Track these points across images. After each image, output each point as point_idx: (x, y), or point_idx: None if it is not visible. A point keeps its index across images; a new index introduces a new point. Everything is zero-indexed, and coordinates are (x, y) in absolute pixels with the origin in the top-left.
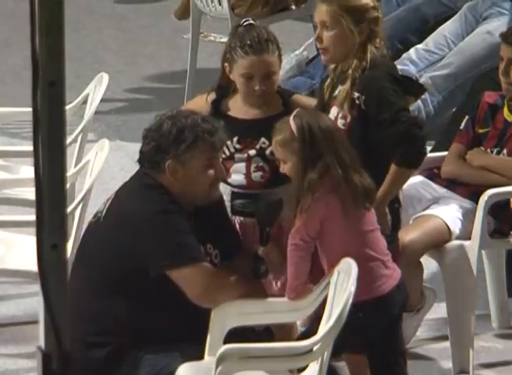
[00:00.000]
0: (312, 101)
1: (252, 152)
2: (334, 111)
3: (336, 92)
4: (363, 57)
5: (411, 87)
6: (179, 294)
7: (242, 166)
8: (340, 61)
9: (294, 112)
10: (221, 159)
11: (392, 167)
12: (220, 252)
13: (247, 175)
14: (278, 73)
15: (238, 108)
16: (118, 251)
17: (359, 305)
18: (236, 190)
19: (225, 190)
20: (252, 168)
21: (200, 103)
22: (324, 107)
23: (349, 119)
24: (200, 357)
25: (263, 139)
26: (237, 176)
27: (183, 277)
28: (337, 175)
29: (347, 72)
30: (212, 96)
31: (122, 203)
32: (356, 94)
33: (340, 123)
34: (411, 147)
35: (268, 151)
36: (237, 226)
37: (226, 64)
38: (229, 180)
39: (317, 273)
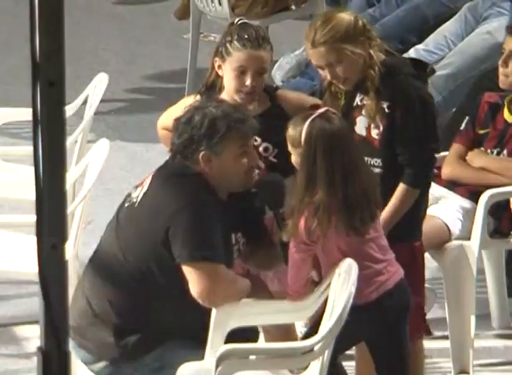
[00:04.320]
0: (298, 95)
1: None
2: (363, 121)
3: (358, 101)
4: (372, 64)
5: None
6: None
7: None
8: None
9: (313, 117)
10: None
11: (402, 187)
12: (248, 240)
13: None
14: (267, 73)
15: None
16: (150, 237)
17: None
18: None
19: None
20: None
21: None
22: (344, 115)
23: (381, 128)
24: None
25: (254, 137)
26: None
27: (192, 273)
28: (336, 197)
29: (366, 83)
30: (198, 98)
31: (158, 189)
32: (384, 104)
33: (374, 132)
34: (425, 169)
35: (261, 148)
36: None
37: (217, 58)
38: None
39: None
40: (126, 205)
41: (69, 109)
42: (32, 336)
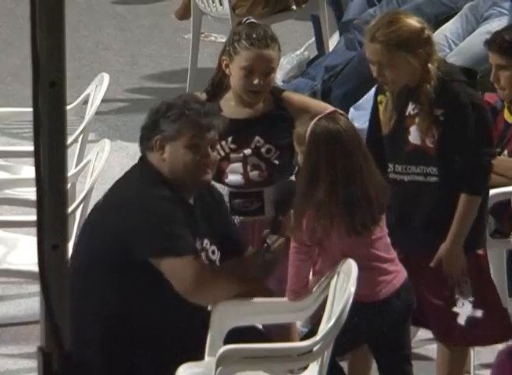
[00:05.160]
0: (303, 99)
1: (247, 152)
2: (417, 130)
3: (410, 110)
4: (429, 78)
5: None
6: (167, 294)
7: (238, 165)
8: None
9: (320, 116)
10: (217, 154)
11: (464, 197)
12: (221, 251)
13: (245, 174)
14: (275, 73)
15: (230, 108)
16: (109, 235)
17: (354, 308)
18: (234, 190)
19: (222, 190)
20: (249, 167)
21: None
22: (396, 124)
23: (436, 136)
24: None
25: (257, 138)
26: (234, 176)
27: (171, 268)
28: (338, 202)
29: (419, 94)
30: (203, 97)
31: (119, 189)
32: (439, 112)
33: (429, 141)
34: (484, 176)
35: (263, 150)
36: (237, 225)
37: (225, 57)
38: (226, 181)
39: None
40: (90, 212)
41: (70, 109)
42: (32, 336)
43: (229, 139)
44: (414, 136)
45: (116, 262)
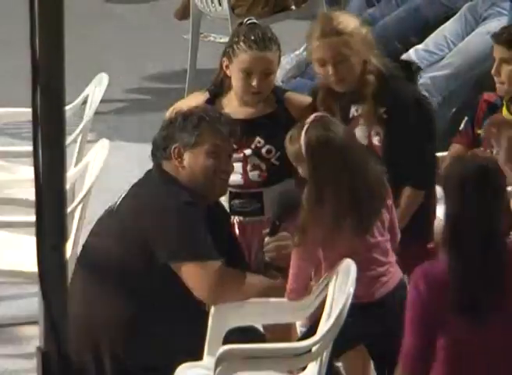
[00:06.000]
0: (306, 100)
1: (248, 152)
2: (362, 131)
3: (353, 112)
4: (371, 70)
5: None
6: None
7: (238, 165)
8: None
9: (307, 124)
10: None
11: (407, 190)
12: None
13: (244, 174)
14: (276, 74)
15: (232, 107)
16: (130, 240)
17: (350, 308)
18: (233, 190)
19: None
20: (248, 167)
21: (196, 100)
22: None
23: (382, 134)
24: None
25: (258, 138)
26: (234, 176)
27: (191, 274)
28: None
29: (362, 91)
30: (206, 95)
31: (139, 194)
32: (381, 109)
33: (376, 140)
34: (428, 170)
35: (263, 150)
36: (236, 225)
37: (225, 59)
38: None
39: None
40: (103, 214)
41: (69, 109)
42: (32, 336)
43: None
44: (359, 137)
45: (135, 266)
